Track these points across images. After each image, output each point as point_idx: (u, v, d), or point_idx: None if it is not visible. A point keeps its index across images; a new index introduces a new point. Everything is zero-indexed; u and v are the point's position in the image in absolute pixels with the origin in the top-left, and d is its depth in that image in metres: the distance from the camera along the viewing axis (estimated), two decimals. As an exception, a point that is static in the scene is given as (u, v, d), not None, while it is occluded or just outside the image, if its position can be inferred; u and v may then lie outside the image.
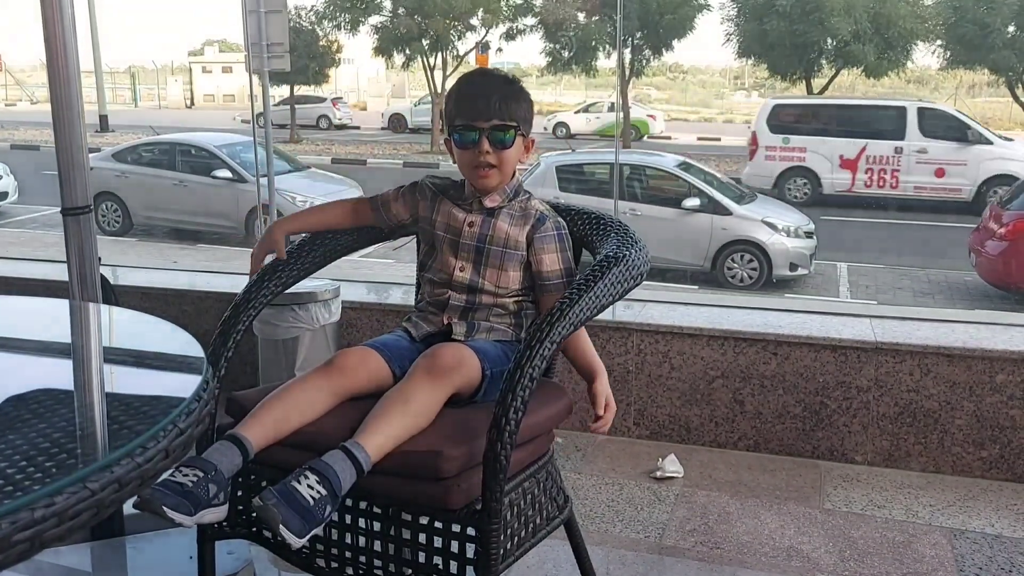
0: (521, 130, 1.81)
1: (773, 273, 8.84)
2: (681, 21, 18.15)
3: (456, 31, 18.79)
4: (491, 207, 1.83)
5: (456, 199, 1.87)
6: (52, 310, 1.84)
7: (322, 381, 1.63)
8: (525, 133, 1.83)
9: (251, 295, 1.87)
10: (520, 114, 1.81)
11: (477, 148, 1.78)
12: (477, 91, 1.81)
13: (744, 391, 2.96)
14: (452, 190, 1.90)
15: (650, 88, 32.93)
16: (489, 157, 1.78)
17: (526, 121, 1.83)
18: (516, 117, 1.79)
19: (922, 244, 10.76)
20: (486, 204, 1.83)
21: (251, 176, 10.28)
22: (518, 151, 1.82)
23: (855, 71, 17.13)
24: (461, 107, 1.80)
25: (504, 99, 1.78)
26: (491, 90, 1.79)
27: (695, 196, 9.23)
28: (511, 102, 1.79)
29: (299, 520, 1.37)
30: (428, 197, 1.90)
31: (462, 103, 1.81)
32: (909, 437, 2.83)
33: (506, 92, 1.80)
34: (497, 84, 1.82)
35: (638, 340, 3.04)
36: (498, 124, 1.77)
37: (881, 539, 2.40)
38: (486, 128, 1.77)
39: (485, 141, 1.77)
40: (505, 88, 1.81)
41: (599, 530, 2.45)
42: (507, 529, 1.56)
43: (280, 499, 1.37)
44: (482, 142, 1.77)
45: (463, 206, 1.85)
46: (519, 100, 1.81)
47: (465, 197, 1.86)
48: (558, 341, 1.55)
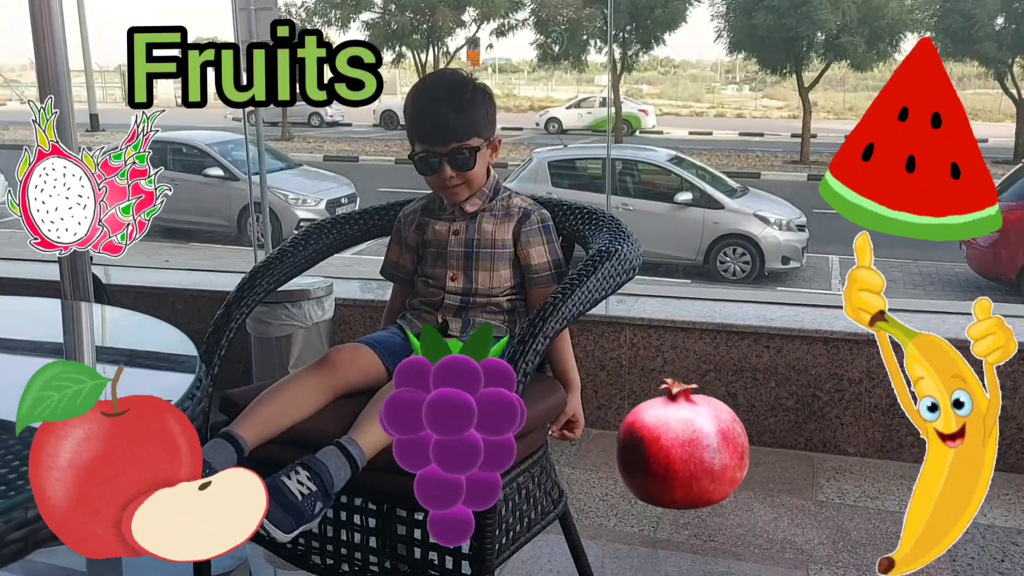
0: (484, 139, 1.76)
1: (765, 266, 8.87)
2: (671, 15, 18.15)
3: (449, 27, 18.77)
4: (472, 211, 1.81)
5: (437, 212, 1.86)
6: (44, 309, 1.83)
7: (316, 378, 1.63)
8: (489, 138, 1.77)
9: (244, 293, 1.87)
10: (479, 123, 1.73)
11: (441, 174, 1.74)
12: (430, 110, 1.72)
13: (736, 384, 2.97)
14: (430, 204, 1.89)
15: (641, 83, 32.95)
16: (454, 180, 1.75)
17: (488, 126, 1.76)
18: (475, 130, 1.72)
19: (913, 236, 10.79)
20: (467, 210, 1.81)
21: (243, 174, 10.25)
22: (484, 160, 1.78)
23: (844, 64, 17.17)
24: (417, 130, 1.74)
25: (459, 113, 1.70)
26: (444, 109, 1.70)
27: (687, 190, 9.25)
28: (467, 115, 1.71)
29: (285, 515, 1.37)
30: (412, 228, 1.89)
31: (417, 125, 1.74)
32: (901, 428, 2.85)
33: (460, 104, 1.71)
34: (450, 97, 1.72)
35: (631, 334, 3.05)
36: (456, 147, 1.72)
37: (874, 530, 2.42)
38: (445, 153, 1.72)
39: (447, 167, 1.73)
40: (459, 99, 1.71)
41: (594, 524, 2.46)
42: (502, 524, 1.56)
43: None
44: (444, 168, 1.73)
45: (444, 217, 1.84)
46: (475, 108, 1.73)
47: (445, 207, 1.84)
48: (551, 336, 1.56)
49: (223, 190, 10.48)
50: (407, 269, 1.93)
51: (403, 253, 1.93)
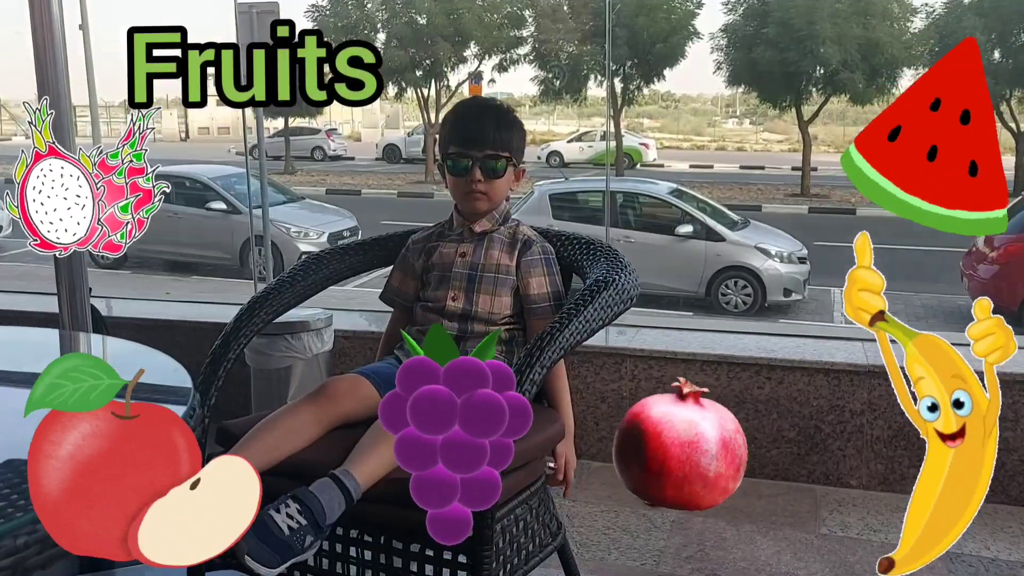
0: (513, 159, 1.84)
1: (767, 299, 8.85)
2: (672, 50, 18.32)
3: (450, 63, 18.95)
4: (480, 232, 1.86)
5: (446, 234, 1.90)
6: (41, 340, 1.83)
7: (312, 409, 1.62)
8: (516, 163, 1.86)
9: (242, 324, 1.87)
10: (513, 144, 1.84)
11: (469, 176, 1.80)
12: (472, 119, 1.84)
13: (739, 416, 2.93)
14: (438, 231, 1.93)
15: (642, 117, 33.19)
16: (480, 185, 1.81)
17: (519, 151, 1.86)
18: (509, 147, 1.82)
19: (915, 268, 10.80)
20: (476, 230, 1.86)
21: (245, 207, 10.29)
22: (508, 180, 1.85)
23: (843, 98, 17.29)
24: (456, 134, 1.83)
25: (498, 128, 1.81)
26: (486, 119, 1.83)
27: (688, 223, 9.26)
28: (504, 132, 1.82)
29: (270, 552, 1.35)
30: (420, 255, 1.92)
31: (457, 130, 1.83)
32: (904, 460, 2.82)
33: (500, 121, 1.83)
34: (492, 113, 1.85)
35: (631, 366, 3.03)
36: (491, 154, 1.80)
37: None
38: (479, 157, 1.80)
39: (477, 170, 1.80)
40: (500, 117, 1.84)
41: (594, 558, 2.43)
42: (499, 556, 1.55)
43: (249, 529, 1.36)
44: (474, 171, 1.80)
45: (452, 238, 1.88)
46: (512, 130, 1.84)
47: (455, 228, 1.89)
48: (549, 365, 1.55)
49: (225, 223, 10.52)
50: (408, 296, 1.95)
51: (406, 279, 1.95)
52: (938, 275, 10.04)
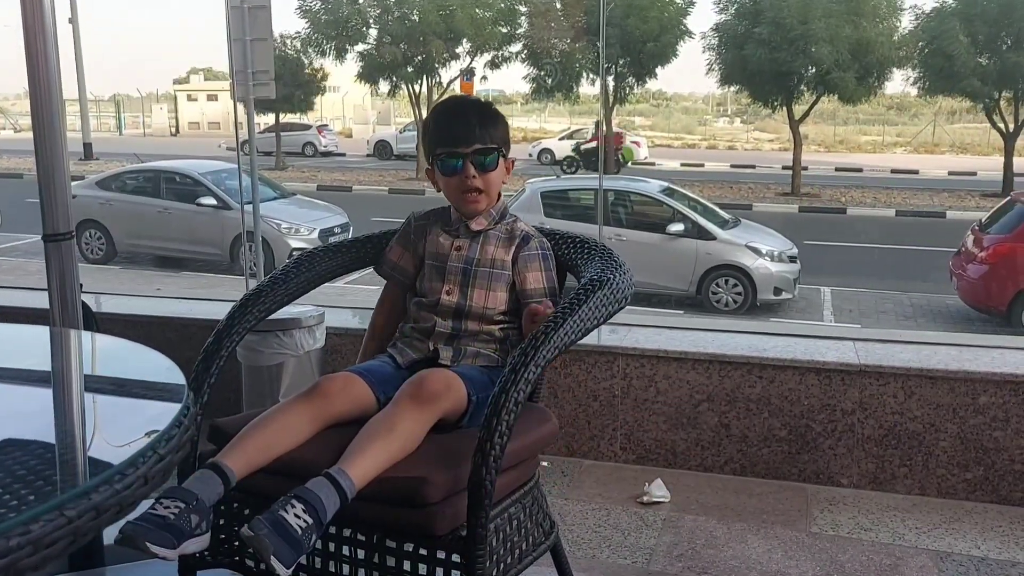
0: (502, 151, 1.84)
1: (758, 297, 8.88)
2: (663, 48, 18.33)
3: (442, 59, 18.91)
4: (477, 230, 1.85)
5: (443, 227, 1.89)
6: (32, 336, 1.82)
7: (305, 407, 1.61)
8: (505, 154, 1.86)
9: (234, 321, 1.86)
10: (499, 136, 1.84)
11: (462, 173, 1.80)
12: (455, 117, 1.84)
13: (730, 415, 2.96)
14: (438, 219, 1.92)
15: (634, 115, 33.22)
16: (475, 181, 1.81)
17: (505, 143, 1.86)
18: (496, 139, 1.83)
19: (904, 268, 10.85)
20: (472, 228, 1.86)
21: (236, 203, 10.26)
22: (501, 173, 1.86)
23: (834, 97, 17.34)
24: (441, 135, 1.83)
25: (483, 122, 1.82)
26: (469, 115, 1.83)
27: (679, 221, 9.29)
28: (490, 125, 1.83)
29: (289, 551, 1.36)
30: (422, 235, 1.91)
31: (442, 130, 1.83)
32: (894, 459, 2.84)
33: (484, 115, 1.84)
34: (474, 108, 1.86)
35: (624, 364, 3.04)
36: (480, 148, 1.80)
37: (868, 562, 2.40)
38: (468, 153, 1.80)
39: (469, 166, 1.80)
40: (482, 112, 1.85)
41: (586, 556, 2.43)
42: (493, 555, 1.55)
43: (271, 529, 1.36)
44: (466, 167, 1.80)
45: (450, 232, 1.88)
46: (496, 123, 1.85)
47: (452, 223, 1.88)
48: (543, 365, 1.55)
49: (216, 219, 10.48)
50: (406, 272, 1.94)
51: (406, 255, 1.95)
52: (927, 274, 10.10)
